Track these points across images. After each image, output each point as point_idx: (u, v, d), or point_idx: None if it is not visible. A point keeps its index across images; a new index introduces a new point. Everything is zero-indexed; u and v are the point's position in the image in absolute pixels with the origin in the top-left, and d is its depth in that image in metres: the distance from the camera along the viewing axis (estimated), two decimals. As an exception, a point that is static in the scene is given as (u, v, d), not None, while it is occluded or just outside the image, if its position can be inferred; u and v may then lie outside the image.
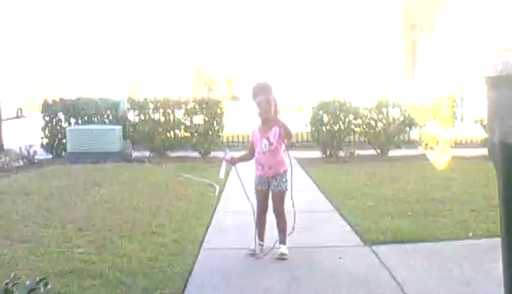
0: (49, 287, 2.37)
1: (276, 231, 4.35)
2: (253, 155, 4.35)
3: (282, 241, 4.28)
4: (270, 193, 4.31)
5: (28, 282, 2.42)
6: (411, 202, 6.03)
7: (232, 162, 4.52)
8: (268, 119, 4.22)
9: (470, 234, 4.67)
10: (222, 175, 4.63)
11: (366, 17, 19.72)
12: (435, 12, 17.93)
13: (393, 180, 7.65)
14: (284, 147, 4.27)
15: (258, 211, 4.35)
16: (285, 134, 4.18)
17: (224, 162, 4.52)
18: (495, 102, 2.59)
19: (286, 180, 4.28)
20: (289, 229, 4.31)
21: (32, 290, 2.31)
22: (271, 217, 4.41)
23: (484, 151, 10.02)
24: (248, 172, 4.46)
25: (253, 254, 4.27)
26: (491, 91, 2.59)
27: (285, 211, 4.34)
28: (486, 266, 3.75)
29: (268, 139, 4.17)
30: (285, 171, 4.28)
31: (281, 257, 4.15)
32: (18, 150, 10.12)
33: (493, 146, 2.64)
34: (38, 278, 2.46)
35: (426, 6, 18.01)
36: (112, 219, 5.39)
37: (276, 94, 4.38)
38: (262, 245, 4.35)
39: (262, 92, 4.26)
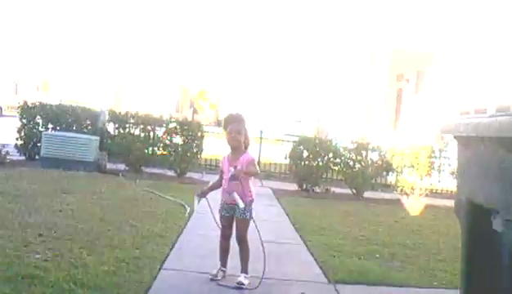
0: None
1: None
2: (220, 183, 4.36)
3: (243, 270, 4.20)
4: (234, 221, 4.25)
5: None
6: (381, 244, 6.01)
7: (204, 193, 4.51)
8: (238, 148, 4.26)
9: (435, 283, 4.64)
10: (195, 208, 4.65)
11: (356, 66, 20.08)
12: (421, 66, 18.33)
13: (365, 221, 7.64)
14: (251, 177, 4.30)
15: (220, 236, 4.33)
16: (250, 173, 4.22)
17: (196, 196, 4.55)
18: (464, 161, 2.61)
19: (250, 210, 4.23)
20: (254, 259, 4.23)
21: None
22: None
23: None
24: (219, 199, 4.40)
25: (213, 279, 4.17)
26: (462, 150, 2.61)
27: (248, 241, 4.26)
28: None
29: (235, 167, 4.16)
30: (251, 201, 4.24)
31: (238, 286, 4.06)
32: (-10, 148, 9.88)
33: (460, 203, 2.64)
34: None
35: (413, 59, 18.42)
36: (75, 228, 5.23)
37: (247, 126, 4.42)
38: (224, 271, 4.26)
39: (234, 122, 4.30)
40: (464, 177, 2.47)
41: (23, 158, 10.71)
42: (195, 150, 11.10)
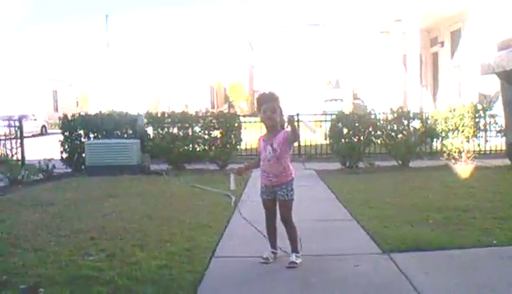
0: (41, 290, 2.28)
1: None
2: (258, 163, 4.29)
3: (294, 249, 4.15)
4: (277, 203, 4.19)
5: (21, 287, 2.34)
6: (433, 210, 5.83)
7: (240, 171, 4.51)
8: (274, 127, 4.14)
9: (494, 242, 4.46)
10: (232, 187, 4.63)
11: (386, 32, 19.55)
12: (454, 26, 17.72)
13: (414, 189, 7.45)
14: (290, 157, 4.19)
15: (266, 219, 4.28)
16: (293, 135, 4.06)
17: (232, 175, 4.55)
18: (510, 98, 2.46)
19: (292, 189, 4.15)
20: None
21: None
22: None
23: (507, 161, 9.75)
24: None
25: (265, 262, 4.15)
26: (507, 87, 2.45)
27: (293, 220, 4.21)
28: (511, 272, 3.55)
29: (272, 145, 4.08)
30: (291, 181, 4.15)
31: (291, 266, 4.02)
32: (38, 164, 10.19)
33: (511, 145, 2.50)
34: (31, 283, 2.37)
35: (445, 21, 17.81)
36: (125, 228, 5.31)
37: (283, 103, 4.30)
38: (275, 253, 4.23)
39: (267, 101, 4.18)
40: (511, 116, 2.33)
41: (69, 169, 10.99)
42: (233, 141, 11.13)
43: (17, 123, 12.07)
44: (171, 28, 45.01)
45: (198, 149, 11.22)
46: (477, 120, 10.88)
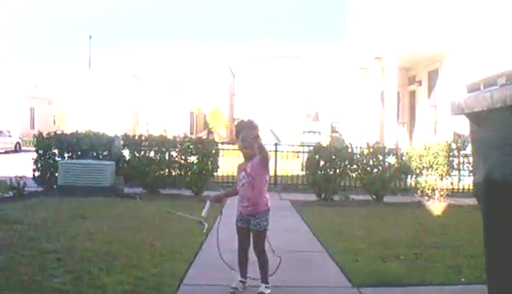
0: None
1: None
2: (235, 191, 4.27)
3: (263, 280, 4.10)
4: (250, 232, 4.14)
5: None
6: (404, 246, 5.87)
7: (217, 199, 4.46)
8: (252, 155, 4.10)
9: (463, 279, 4.50)
10: (205, 214, 4.48)
11: (366, 69, 19.96)
12: (432, 67, 18.17)
13: (387, 225, 7.50)
14: (266, 184, 4.14)
15: (238, 248, 4.21)
16: (259, 148, 4.01)
17: (208, 202, 4.43)
18: (478, 139, 2.51)
19: (266, 220, 4.09)
20: (272, 269, 4.14)
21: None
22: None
23: (481, 201, 9.90)
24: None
25: (234, 292, 4.09)
26: (475, 129, 2.51)
27: (266, 251, 4.15)
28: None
29: (245, 170, 4.07)
30: (266, 211, 4.10)
31: None
32: (9, 182, 9.97)
33: (478, 185, 2.54)
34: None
35: (424, 61, 18.26)
36: (93, 251, 5.20)
37: (261, 132, 4.29)
38: (244, 282, 4.18)
39: (246, 129, 4.16)
40: (479, 156, 2.38)
41: (41, 188, 10.78)
42: (210, 168, 11.09)
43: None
44: (153, 52, 45.19)
45: (174, 174, 11.14)
46: (451, 159, 11.07)
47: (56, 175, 10.61)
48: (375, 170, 10.88)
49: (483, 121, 2.28)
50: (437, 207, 9.68)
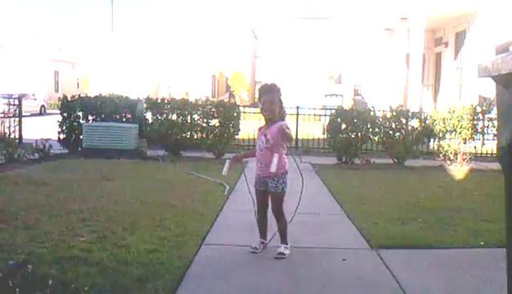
0: (29, 267, 2.30)
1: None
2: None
3: (283, 241, 4.18)
4: (268, 194, 4.19)
5: (10, 262, 2.37)
6: (424, 209, 5.87)
7: (237, 159, 4.52)
8: (272, 119, 4.12)
9: (482, 243, 4.50)
10: (225, 173, 4.53)
11: (391, 30, 19.51)
12: (459, 28, 17.69)
13: (408, 188, 7.49)
14: (285, 149, 4.16)
15: (257, 209, 4.28)
16: (283, 137, 4.01)
17: (228, 161, 4.48)
18: (505, 103, 2.46)
19: (284, 182, 4.13)
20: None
21: (13, 269, 2.25)
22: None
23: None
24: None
25: (254, 252, 4.19)
26: (503, 92, 2.45)
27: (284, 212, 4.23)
28: (495, 275, 3.58)
29: (266, 136, 4.08)
30: (283, 173, 4.13)
31: (279, 256, 4.06)
32: (34, 144, 10.21)
33: (502, 149, 2.50)
34: (20, 260, 2.40)
35: (450, 21, 17.77)
36: (117, 211, 5.34)
37: (283, 95, 4.30)
38: (264, 243, 4.26)
39: (268, 92, 4.18)
40: (504, 120, 2.33)
41: (66, 150, 11.02)
42: (231, 131, 11.15)
43: (16, 102, 12.09)
44: (175, 14, 44.84)
45: (196, 137, 11.25)
46: (475, 122, 10.89)
47: (81, 137, 10.81)
48: (398, 133, 10.78)
49: (511, 83, 2.23)
50: (459, 171, 9.60)
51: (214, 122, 11.22)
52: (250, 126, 10.71)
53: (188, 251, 4.11)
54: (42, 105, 32.89)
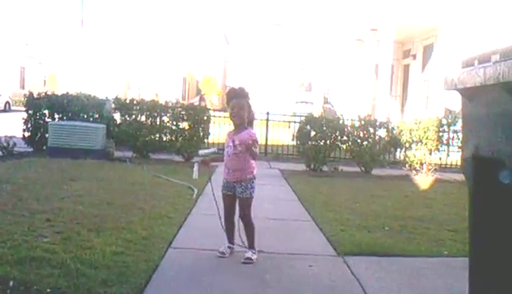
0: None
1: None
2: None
3: (250, 246, 4.19)
4: (236, 199, 4.20)
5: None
6: (389, 218, 5.97)
7: (205, 163, 4.49)
8: (241, 124, 4.15)
9: (445, 252, 4.60)
10: (195, 176, 4.55)
11: (361, 40, 19.83)
12: (427, 41, 18.10)
13: (374, 196, 7.60)
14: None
15: (224, 214, 4.28)
16: (250, 153, 4.05)
17: (196, 164, 4.49)
18: (469, 115, 2.54)
19: (251, 187, 4.15)
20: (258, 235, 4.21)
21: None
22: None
23: (467, 176, 10.04)
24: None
25: (222, 256, 4.18)
26: (466, 104, 2.53)
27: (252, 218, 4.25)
28: (457, 283, 3.66)
29: (234, 141, 4.09)
30: (251, 179, 4.16)
31: (247, 261, 4.06)
32: (-3, 141, 9.93)
33: (466, 161, 2.58)
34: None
35: (419, 34, 18.17)
36: (82, 212, 5.24)
37: (253, 101, 4.33)
38: (231, 248, 4.26)
39: (236, 97, 4.19)
40: (469, 132, 2.41)
41: (30, 149, 10.75)
42: (201, 134, 11.09)
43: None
44: (148, 14, 44.46)
45: (165, 139, 11.14)
46: (440, 134, 11.14)
47: (46, 136, 10.57)
48: (365, 142, 10.94)
49: (475, 97, 2.30)
50: (424, 180, 9.80)
51: (184, 124, 11.15)
52: (221, 130, 10.71)
53: (154, 255, 4.06)
54: (7, 102, 32.01)
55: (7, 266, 3.46)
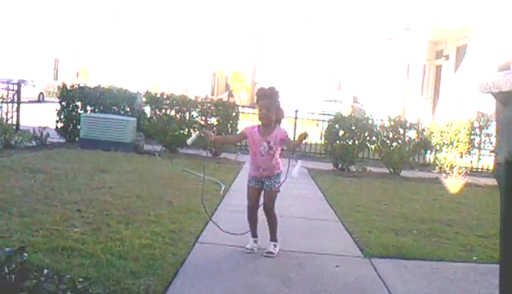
0: (25, 255, 2.31)
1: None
2: (237, 141, 4.41)
3: (272, 238, 4.31)
4: (262, 192, 4.32)
5: (7, 249, 2.37)
6: (418, 221, 5.90)
7: (209, 136, 4.38)
8: (268, 124, 4.24)
9: (474, 258, 4.53)
10: (189, 142, 4.62)
11: (391, 40, 19.59)
12: (461, 41, 17.77)
13: (402, 198, 7.52)
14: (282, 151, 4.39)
15: (248, 207, 4.38)
16: (290, 146, 4.40)
17: (197, 134, 4.58)
18: (504, 120, 2.49)
19: (279, 182, 4.29)
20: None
21: (9, 256, 2.26)
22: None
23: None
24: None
25: (250, 252, 4.25)
26: (501, 109, 2.48)
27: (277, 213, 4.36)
28: (486, 290, 3.61)
29: (269, 143, 4.19)
30: (279, 173, 4.30)
31: (268, 255, 4.18)
32: (32, 131, 10.19)
33: (499, 165, 2.53)
34: (17, 247, 2.40)
35: (452, 35, 17.86)
36: (112, 204, 5.35)
37: (282, 98, 4.41)
38: (256, 241, 4.37)
39: (265, 97, 4.26)
40: (502, 136, 2.36)
41: (63, 140, 11.01)
42: (229, 130, 11.15)
43: (15, 87, 12.05)
44: (179, 10, 44.76)
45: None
46: (472, 137, 10.96)
47: (78, 127, 10.79)
48: (395, 143, 10.82)
49: (510, 101, 2.26)
50: (454, 184, 9.64)
51: (213, 120, 11.23)
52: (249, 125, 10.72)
53: (182, 249, 4.12)
54: (41, 93, 32.76)
55: (41, 254, 3.56)
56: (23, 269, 2.26)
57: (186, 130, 11.20)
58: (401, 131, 10.92)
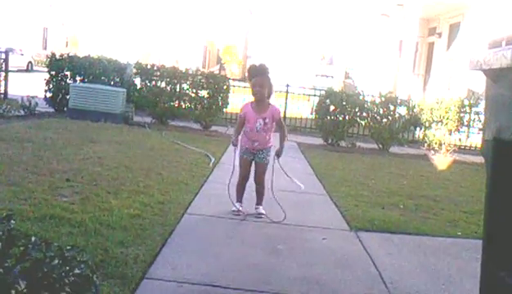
0: (12, 222, 2.30)
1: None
2: (243, 125, 4.58)
3: (259, 202, 4.64)
4: (253, 164, 4.62)
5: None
6: (405, 196, 5.97)
7: (236, 144, 4.71)
8: (262, 100, 4.50)
9: (459, 233, 4.60)
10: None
11: (386, 15, 19.46)
12: (454, 19, 17.69)
13: (390, 174, 7.59)
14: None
15: (240, 177, 4.65)
16: (282, 130, 4.63)
17: (233, 146, 4.72)
18: (493, 96, 2.50)
19: (269, 155, 4.60)
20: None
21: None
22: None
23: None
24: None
25: (237, 214, 4.48)
26: (491, 85, 2.49)
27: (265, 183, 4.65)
28: (469, 265, 3.68)
29: (264, 119, 4.46)
30: (270, 147, 4.61)
31: (260, 216, 4.50)
32: (20, 100, 10.08)
33: (487, 143, 2.55)
34: (3, 215, 2.39)
35: (445, 12, 17.76)
36: (102, 174, 5.34)
37: (273, 73, 4.66)
38: (241, 206, 4.62)
39: (257, 74, 4.49)
40: (491, 114, 2.37)
41: (51, 109, 10.90)
42: (220, 103, 11.11)
43: (3, 56, 11.85)
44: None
45: (184, 107, 11.19)
46: (462, 115, 10.99)
47: (67, 97, 10.68)
48: (385, 120, 10.86)
49: (500, 78, 2.27)
50: (442, 161, 9.73)
51: (203, 93, 11.16)
52: (239, 99, 10.69)
53: (170, 219, 4.14)
54: (30, 62, 32.25)
55: (29, 223, 3.56)
56: (10, 237, 2.25)
57: (177, 102, 11.15)
58: (392, 108, 10.96)
